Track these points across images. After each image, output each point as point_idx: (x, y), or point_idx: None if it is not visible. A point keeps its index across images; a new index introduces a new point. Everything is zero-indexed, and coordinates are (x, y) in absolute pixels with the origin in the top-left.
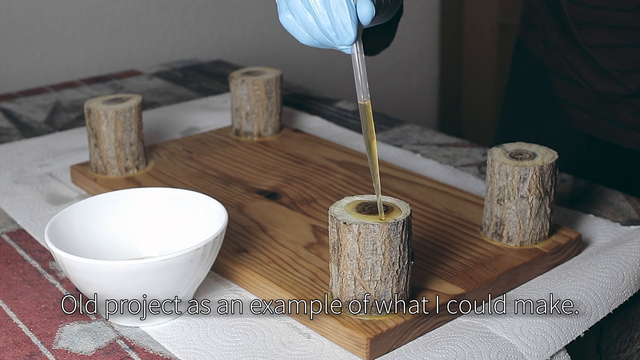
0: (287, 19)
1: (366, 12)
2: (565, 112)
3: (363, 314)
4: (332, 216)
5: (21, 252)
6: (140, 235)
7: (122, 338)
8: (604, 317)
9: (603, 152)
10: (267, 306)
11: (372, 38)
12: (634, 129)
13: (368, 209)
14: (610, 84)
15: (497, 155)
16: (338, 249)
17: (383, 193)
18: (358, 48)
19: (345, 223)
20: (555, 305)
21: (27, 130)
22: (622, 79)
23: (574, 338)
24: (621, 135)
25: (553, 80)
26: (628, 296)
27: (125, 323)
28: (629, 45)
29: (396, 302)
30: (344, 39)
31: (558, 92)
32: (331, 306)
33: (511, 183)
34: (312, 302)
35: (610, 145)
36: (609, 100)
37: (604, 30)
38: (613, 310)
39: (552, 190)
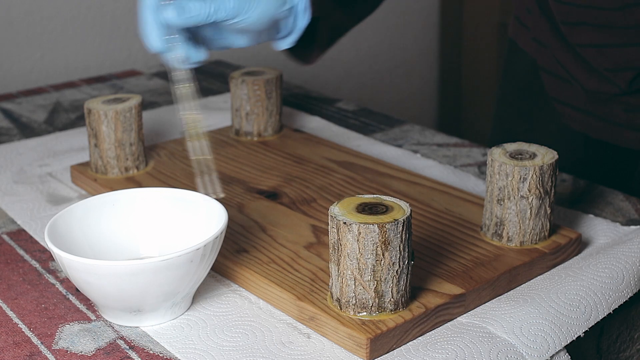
0: None
1: (169, 13)
2: (558, 110)
3: (363, 314)
4: (332, 216)
5: (21, 252)
6: (140, 235)
7: (122, 338)
8: (604, 317)
9: (597, 150)
10: (267, 306)
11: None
12: (626, 127)
13: (368, 209)
14: (600, 82)
15: (497, 155)
16: (338, 249)
17: (383, 193)
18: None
19: (345, 223)
20: (555, 305)
21: (27, 130)
22: (612, 78)
23: (574, 338)
24: (614, 134)
25: (545, 78)
26: (628, 296)
27: (125, 323)
28: (618, 45)
29: (396, 302)
30: (149, 42)
31: (550, 90)
32: (331, 306)
33: (511, 183)
34: (312, 302)
35: (604, 143)
36: (600, 98)
37: (593, 29)
38: (613, 310)
39: (552, 190)
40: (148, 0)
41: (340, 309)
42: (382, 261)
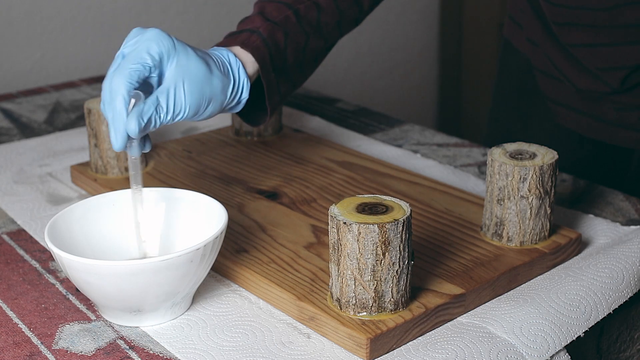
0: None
1: (131, 129)
2: (552, 109)
3: (363, 314)
4: (332, 216)
5: (21, 252)
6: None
7: (122, 338)
8: (604, 317)
9: (592, 149)
10: (267, 306)
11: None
12: (618, 126)
13: (368, 209)
14: (592, 81)
15: (497, 155)
16: (338, 249)
17: (383, 193)
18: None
19: (345, 223)
20: (555, 305)
21: (27, 130)
22: (603, 77)
23: (574, 338)
24: (606, 132)
25: (539, 78)
26: (628, 296)
27: (125, 323)
28: (609, 44)
29: (396, 302)
30: (113, 144)
31: (544, 89)
32: (331, 306)
33: (511, 183)
34: (312, 302)
35: (598, 142)
36: (592, 97)
37: (583, 30)
38: (613, 310)
39: (552, 190)
40: (117, 113)
41: (340, 309)
42: (382, 261)
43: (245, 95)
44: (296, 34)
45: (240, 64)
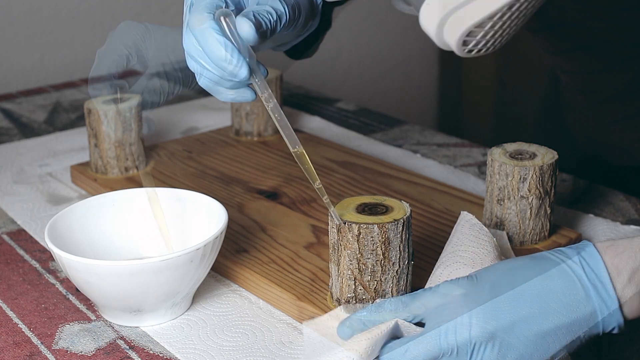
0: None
1: (246, 31)
2: (555, 110)
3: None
4: (332, 216)
5: (21, 252)
6: (140, 235)
7: (122, 338)
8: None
9: (592, 149)
10: (267, 306)
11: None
12: (620, 126)
13: (368, 209)
14: (598, 83)
15: (497, 155)
16: (338, 249)
17: (383, 193)
18: (259, 82)
19: (345, 223)
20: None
21: (27, 130)
22: (609, 79)
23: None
24: (608, 133)
25: (541, 78)
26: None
27: (125, 323)
28: (615, 45)
29: None
30: (237, 74)
31: (547, 90)
32: (331, 306)
33: (511, 183)
34: (312, 302)
35: (601, 144)
36: (596, 98)
37: (589, 31)
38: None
39: (552, 190)
40: (205, 23)
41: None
42: (382, 261)
43: (319, 10)
44: None
45: None
